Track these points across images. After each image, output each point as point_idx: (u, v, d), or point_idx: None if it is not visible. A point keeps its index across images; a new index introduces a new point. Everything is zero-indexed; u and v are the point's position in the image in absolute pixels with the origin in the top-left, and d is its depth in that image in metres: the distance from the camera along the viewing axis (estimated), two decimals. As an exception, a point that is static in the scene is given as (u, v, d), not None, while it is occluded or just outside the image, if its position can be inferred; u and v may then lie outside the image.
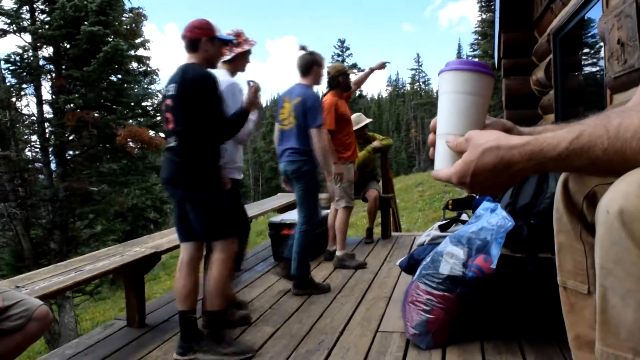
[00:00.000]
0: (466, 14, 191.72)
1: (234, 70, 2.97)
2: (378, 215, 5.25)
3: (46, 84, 11.88)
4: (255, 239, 10.34)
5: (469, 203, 2.76)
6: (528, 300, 2.30)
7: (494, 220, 2.25)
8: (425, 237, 2.73)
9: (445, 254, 2.28)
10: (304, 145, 3.30)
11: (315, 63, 3.44)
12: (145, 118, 12.98)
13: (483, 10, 29.14)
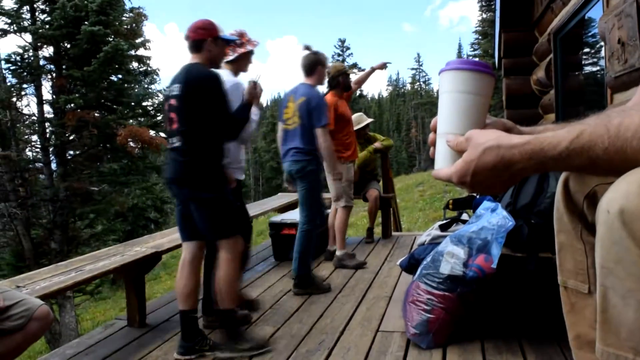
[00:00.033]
0: (466, 13, 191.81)
1: (236, 71, 2.97)
2: (378, 215, 5.25)
3: (47, 83, 11.90)
4: (255, 239, 10.33)
5: (470, 203, 2.76)
6: (529, 300, 2.29)
7: (494, 219, 2.25)
8: (426, 237, 2.73)
9: (445, 254, 2.28)
10: (308, 145, 3.31)
11: (320, 63, 3.46)
12: (145, 118, 13.00)
13: (483, 10, 29.11)
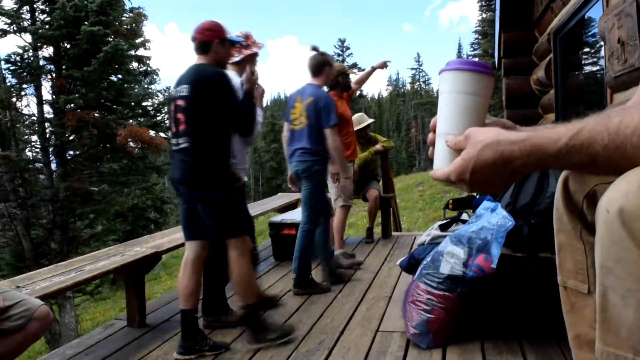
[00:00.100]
0: (466, 13, 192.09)
1: (241, 72, 2.98)
2: (378, 215, 5.25)
3: (46, 84, 11.91)
4: (255, 239, 10.33)
5: (470, 202, 2.76)
6: (528, 300, 2.29)
7: (494, 219, 2.25)
8: (426, 237, 2.72)
9: (445, 254, 2.28)
10: (315, 145, 3.31)
11: (327, 63, 3.48)
12: (145, 118, 13.00)
13: (483, 10, 29.10)
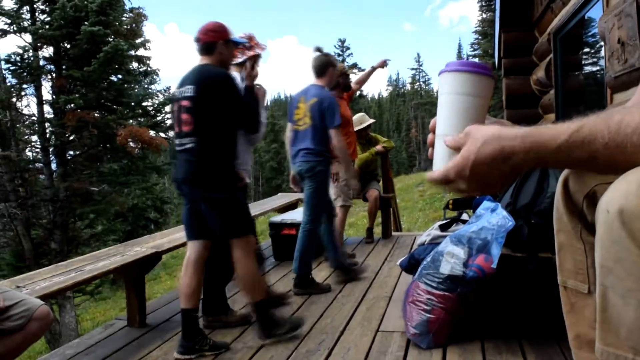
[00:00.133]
0: (466, 13, 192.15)
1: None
2: (378, 215, 5.25)
3: (46, 84, 11.91)
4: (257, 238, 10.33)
5: (470, 203, 2.76)
6: (528, 300, 2.29)
7: (494, 219, 2.25)
8: (426, 237, 2.72)
9: (445, 254, 2.28)
10: (319, 146, 3.32)
11: (331, 64, 3.50)
12: (145, 118, 13.01)
13: (483, 10, 29.10)
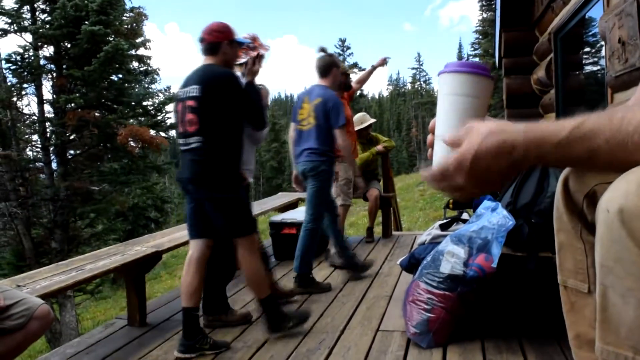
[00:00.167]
0: (467, 13, 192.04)
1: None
2: (379, 214, 5.25)
3: (47, 83, 11.93)
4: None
5: (470, 202, 2.76)
6: (529, 300, 2.29)
7: (494, 219, 2.25)
8: (426, 236, 2.73)
9: (446, 253, 2.28)
10: (323, 145, 3.33)
11: (334, 64, 3.51)
12: (146, 117, 13.02)
13: (484, 10, 29.07)
